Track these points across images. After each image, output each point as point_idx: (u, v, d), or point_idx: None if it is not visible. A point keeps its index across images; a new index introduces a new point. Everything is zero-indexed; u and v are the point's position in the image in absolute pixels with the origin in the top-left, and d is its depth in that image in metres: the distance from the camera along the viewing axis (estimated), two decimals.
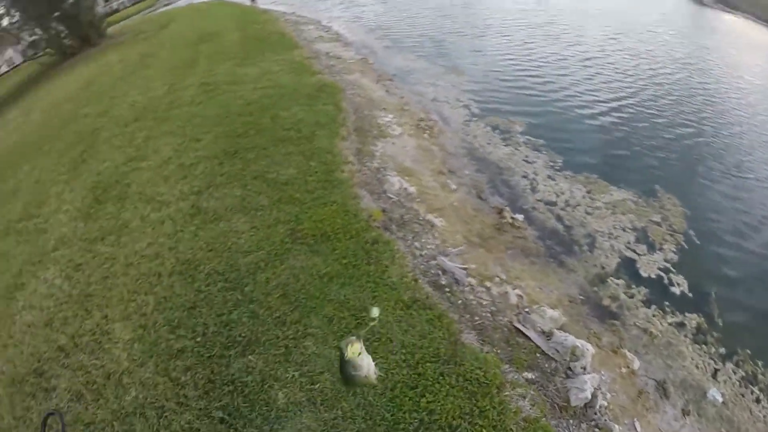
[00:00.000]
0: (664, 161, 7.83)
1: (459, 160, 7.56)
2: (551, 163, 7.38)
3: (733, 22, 20.92)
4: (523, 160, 7.50)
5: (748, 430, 3.83)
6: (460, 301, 4.10)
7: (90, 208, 5.16)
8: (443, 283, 4.29)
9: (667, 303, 4.92)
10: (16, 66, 21.73)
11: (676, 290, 5.12)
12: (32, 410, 3.18)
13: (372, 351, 3.37)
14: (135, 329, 3.58)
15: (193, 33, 14.19)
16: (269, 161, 5.85)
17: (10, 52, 21.93)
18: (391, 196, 5.65)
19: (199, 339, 3.48)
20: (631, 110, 9.80)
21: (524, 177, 7.05)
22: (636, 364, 4.14)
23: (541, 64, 12.38)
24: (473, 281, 4.46)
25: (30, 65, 18.71)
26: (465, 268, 4.58)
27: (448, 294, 4.14)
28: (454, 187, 6.56)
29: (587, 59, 12.87)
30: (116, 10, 27.43)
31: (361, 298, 3.89)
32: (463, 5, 19.95)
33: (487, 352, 3.54)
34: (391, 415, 2.95)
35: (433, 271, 4.45)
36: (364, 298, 3.91)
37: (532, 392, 3.31)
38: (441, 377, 3.23)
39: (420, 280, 4.20)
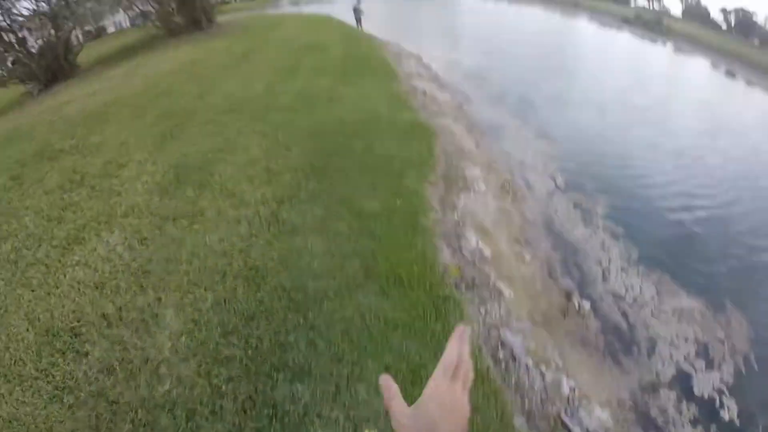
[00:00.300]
0: (740, 277, 7.70)
1: (536, 231, 7.56)
2: (626, 254, 7.36)
3: None
4: (599, 246, 7.50)
5: None
6: (513, 380, 4.08)
7: (169, 185, 5.39)
8: (500, 356, 4.27)
9: (714, 426, 4.87)
10: (122, 30, 23.99)
11: (725, 415, 5.03)
12: (57, 367, 3.23)
13: None
14: (186, 322, 3.59)
15: (299, 41, 15.10)
16: (355, 188, 5.95)
17: (120, 16, 24.37)
18: (466, 254, 5.63)
19: (250, 352, 3.44)
20: (715, 215, 9.76)
21: (598, 263, 7.03)
22: None
23: (633, 148, 12.47)
24: (530, 362, 4.39)
25: (136, 32, 20.58)
26: (524, 347, 4.51)
27: (504, 370, 4.13)
28: (528, 258, 6.51)
29: (680, 151, 12.92)
30: (227, 2, 29.93)
31: (422, 354, 3.82)
32: (567, 73, 20.30)
33: None
34: None
35: (493, 342, 4.43)
36: (426, 355, 3.83)
37: None
38: None
39: (483, 350, 4.17)
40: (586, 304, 6.00)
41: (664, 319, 6.18)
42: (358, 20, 20.99)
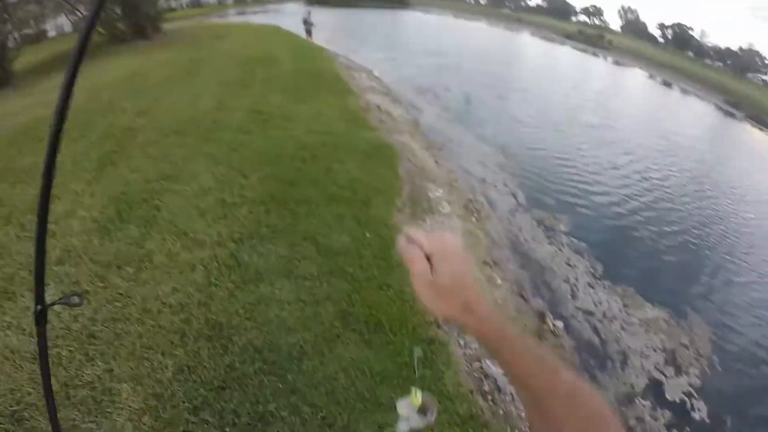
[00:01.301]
0: (699, 284, 8.39)
1: (503, 252, 7.63)
2: (591, 270, 7.69)
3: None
4: (566, 263, 7.75)
5: None
6: (501, 412, 4.06)
7: (109, 224, 4.79)
8: (486, 389, 4.25)
9: (687, 428, 5.18)
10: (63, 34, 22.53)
11: (696, 415, 5.39)
12: None
13: None
14: (146, 397, 3.11)
15: (248, 52, 14.54)
16: (321, 221, 5.61)
17: (62, 20, 22.75)
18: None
19: (228, 429, 3.04)
20: (673, 228, 10.53)
21: (565, 281, 7.25)
22: None
23: (590, 165, 13.17)
24: (513, 390, 4.30)
25: (76, 37, 19.02)
26: (507, 376, 4.45)
27: (491, 403, 4.10)
28: (499, 282, 6.53)
29: (636, 170, 13.82)
30: (173, 9, 28.74)
31: None
32: (522, 90, 21.17)
33: None
34: None
35: (476, 374, 4.39)
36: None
37: None
38: None
39: (475, 392, 4.06)
40: (560, 324, 6.15)
41: (633, 331, 6.49)
42: (308, 32, 20.68)
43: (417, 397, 0.95)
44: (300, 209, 5.77)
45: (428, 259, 0.77)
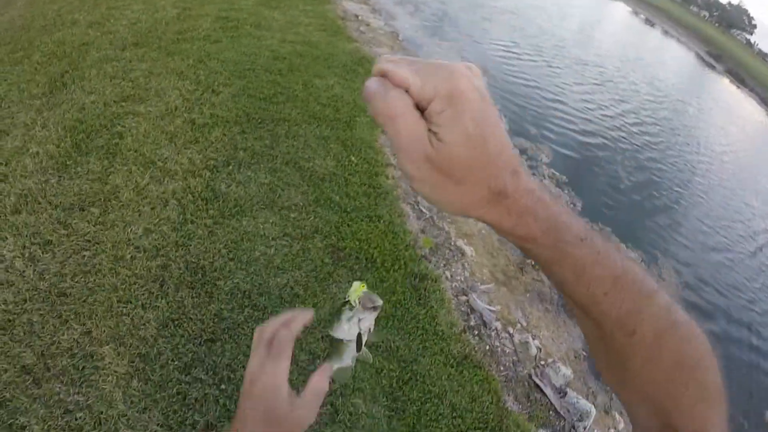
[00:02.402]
0: (670, 231, 8.61)
1: None
2: (572, 204, 7.66)
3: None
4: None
5: None
6: (487, 347, 4.09)
7: (67, 158, 4.20)
8: (472, 324, 4.21)
9: None
10: None
11: None
12: None
13: (423, 412, 3.17)
14: (132, 359, 2.83)
15: None
16: (303, 143, 5.12)
17: None
18: (424, 209, 5.34)
19: (223, 386, 2.82)
20: (653, 173, 10.72)
21: None
22: (621, 426, 4.42)
23: (576, 101, 13.03)
24: (498, 325, 4.44)
25: None
26: (493, 311, 4.51)
27: (477, 338, 4.09)
28: None
29: (620, 112, 13.93)
30: None
31: (410, 347, 3.51)
32: (509, 13, 20.52)
33: (519, 413, 3.58)
34: None
35: (463, 309, 4.32)
36: (414, 348, 3.52)
37: None
38: None
39: (466, 330, 4.04)
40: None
41: None
42: None
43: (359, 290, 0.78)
44: (279, 129, 5.23)
45: (422, 111, 0.41)
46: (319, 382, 0.75)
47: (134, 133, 4.67)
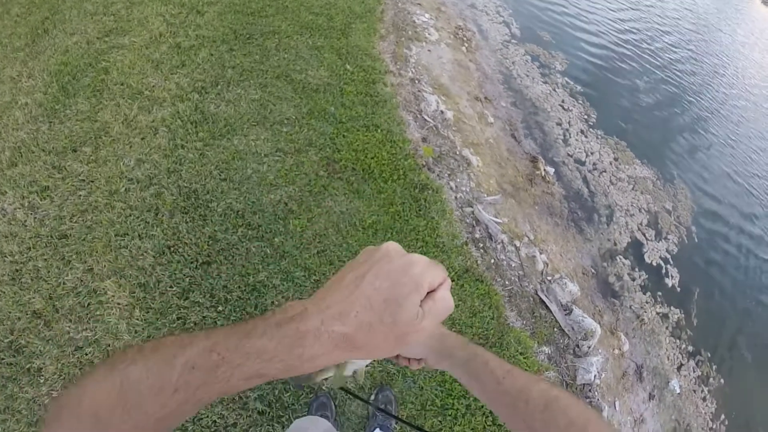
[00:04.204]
0: (690, 152, 7.86)
1: (495, 86, 6.90)
2: (585, 117, 7.09)
3: None
4: (560, 105, 7.11)
5: (691, 422, 4.23)
6: (492, 261, 3.85)
7: (55, 103, 4.04)
8: (477, 236, 3.96)
9: (659, 293, 5.11)
10: None
11: (668, 282, 5.30)
12: (18, 399, 2.45)
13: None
14: (132, 290, 2.79)
15: None
16: (294, 55, 4.72)
17: None
18: (427, 118, 4.97)
19: (221, 308, 2.76)
20: (674, 90, 9.67)
21: (558, 124, 6.71)
22: (626, 347, 4.28)
23: (591, 7, 11.80)
24: (505, 238, 4.18)
25: None
26: (499, 223, 4.23)
27: (482, 251, 3.85)
28: (491, 120, 5.95)
29: (641, 24, 12.56)
30: None
31: None
32: None
33: (521, 329, 3.40)
34: (440, 401, 2.74)
35: (467, 221, 4.05)
36: None
37: (553, 373, 3.38)
38: None
39: (469, 243, 3.78)
40: (551, 170, 5.75)
41: (621, 187, 6.17)
42: None
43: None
44: (269, 43, 4.84)
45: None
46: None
47: (119, 67, 4.42)
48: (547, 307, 3.85)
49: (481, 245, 3.90)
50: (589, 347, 3.77)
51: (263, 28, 5.06)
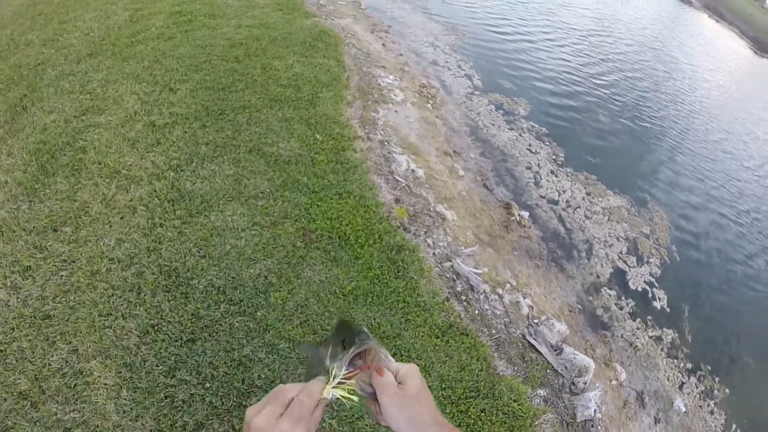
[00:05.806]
0: (658, 173, 8.26)
1: (463, 139, 7.22)
2: (554, 157, 7.39)
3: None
4: (527, 149, 7.41)
5: None
6: (476, 311, 3.95)
7: (35, 182, 4.11)
8: (459, 289, 4.07)
9: (649, 317, 5.28)
10: None
11: (657, 304, 5.47)
12: None
13: None
14: (119, 369, 2.84)
15: None
16: (266, 128, 4.98)
17: None
18: (399, 178, 5.18)
19: (208, 385, 2.83)
20: (635, 116, 10.23)
21: (528, 168, 6.97)
22: (623, 376, 4.38)
23: (548, 48, 12.51)
24: (487, 288, 4.29)
25: None
26: (479, 273, 4.35)
27: (465, 303, 3.95)
28: (461, 173, 6.20)
29: (599, 55, 13.37)
30: None
31: (392, 322, 3.44)
32: None
33: (512, 376, 3.47)
34: None
35: (448, 275, 4.16)
36: (396, 322, 3.46)
37: (551, 415, 3.37)
38: (483, 414, 3.09)
39: (451, 298, 3.90)
40: (526, 214, 5.97)
41: (597, 219, 6.41)
42: None
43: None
44: (240, 118, 5.09)
45: None
46: None
47: (96, 145, 4.55)
48: (536, 350, 3.89)
49: (464, 298, 3.99)
50: (585, 383, 3.80)
51: (234, 103, 5.31)
